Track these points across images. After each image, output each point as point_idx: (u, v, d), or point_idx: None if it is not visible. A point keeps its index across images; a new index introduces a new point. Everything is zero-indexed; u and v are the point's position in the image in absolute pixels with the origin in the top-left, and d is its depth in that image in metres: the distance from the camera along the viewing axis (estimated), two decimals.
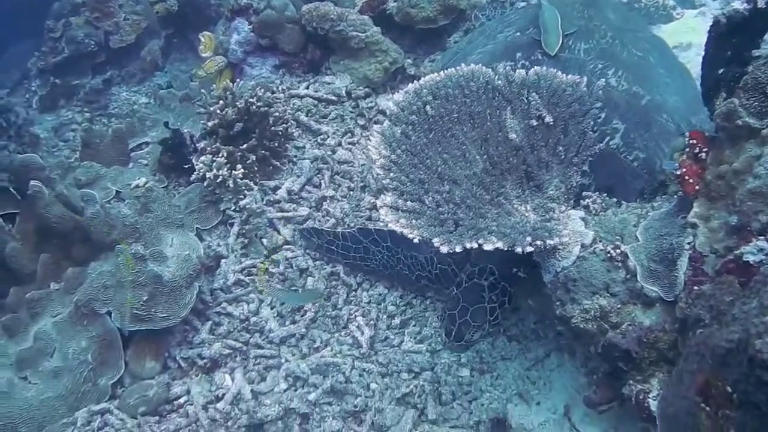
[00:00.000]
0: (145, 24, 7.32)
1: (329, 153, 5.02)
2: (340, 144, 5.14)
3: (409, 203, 2.86)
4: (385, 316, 4.22)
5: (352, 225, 4.56)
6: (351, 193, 4.79)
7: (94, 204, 4.18)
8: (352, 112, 5.40)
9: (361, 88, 5.46)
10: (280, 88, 5.53)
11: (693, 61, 4.28)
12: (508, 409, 3.72)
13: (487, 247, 2.64)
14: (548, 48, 3.70)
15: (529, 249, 2.68)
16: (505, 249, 2.67)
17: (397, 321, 4.18)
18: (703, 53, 3.04)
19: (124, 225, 4.14)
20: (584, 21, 3.97)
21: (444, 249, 2.67)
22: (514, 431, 3.61)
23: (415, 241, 2.74)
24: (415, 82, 3.22)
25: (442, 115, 3.17)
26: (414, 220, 2.79)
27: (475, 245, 2.65)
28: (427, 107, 3.16)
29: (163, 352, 4.09)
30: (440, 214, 2.82)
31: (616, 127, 3.45)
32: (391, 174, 2.96)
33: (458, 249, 2.65)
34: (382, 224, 4.25)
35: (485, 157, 3.14)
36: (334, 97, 5.43)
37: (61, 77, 7.26)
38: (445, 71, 3.24)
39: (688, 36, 5.03)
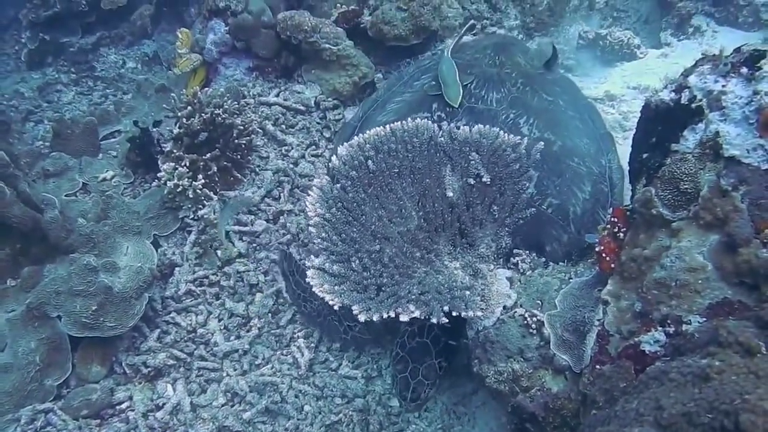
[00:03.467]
0: None
1: (291, 165, 5.13)
2: (303, 156, 5.25)
3: (335, 267, 2.99)
4: (326, 338, 4.38)
5: (305, 241, 4.69)
6: None
7: (53, 209, 4.29)
8: (318, 123, 5.51)
9: (330, 99, 5.55)
10: (251, 93, 5.62)
11: None
12: None
13: (403, 318, 2.79)
14: (451, 101, 3.86)
15: (444, 320, 2.83)
16: (422, 318, 2.82)
17: (337, 344, 4.35)
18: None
19: (79, 234, 4.25)
20: (496, 68, 4.14)
21: (362, 318, 2.81)
22: None
23: (336, 308, 2.88)
24: (359, 135, 3.33)
25: (383, 170, 3.28)
26: (337, 286, 2.92)
27: (393, 314, 2.79)
28: (369, 162, 3.28)
29: (110, 357, 4.25)
30: (364, 279, 2.96)
31: (530, 175, 3.51)
32: (323, 234, 3.08)
33: (375, 318, 2.80)
34: None
35: (421, 213, 3.28)
36: (302, 107, 5.53)
37: (50, 33, 7.26)
38: (391, 126, 3.35)
39: (646, 78, 5.15)
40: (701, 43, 5.72)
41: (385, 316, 2.79)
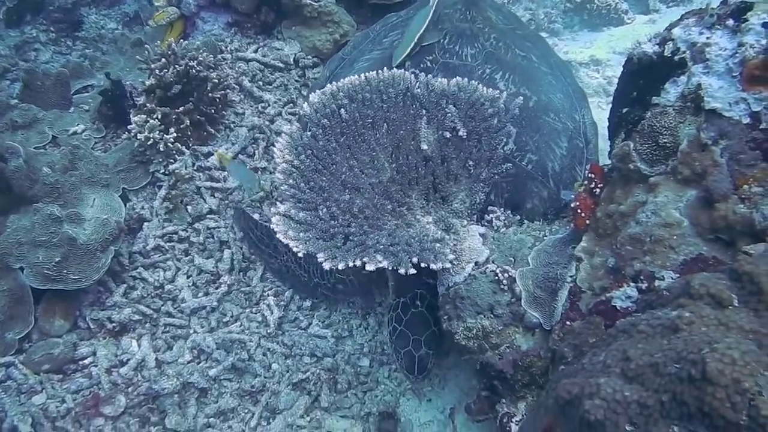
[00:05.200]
0: None
1: (267, 123, 5.01)
2: (280, 114, 5.13)
3: (301, 214, 2.89)
4: (297, 297, 4.30)
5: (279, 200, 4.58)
6: None
7: (17, 158, 4.15)
8: (297, 81, 5.38)
9: (309, 57, 5.43)
10: (228, 48, 5.48)
11: None
12: (400, 403, 3.84)
13: (370, 267, 2.69)
14: (393, 58, 3.76)
15: (412, 271, 2.74)
16: (389, 269, 2.73)
17: (308, 303, 4.27)
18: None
19: (44, 183, 4.12)
20: (468, 23, 3.99)
21: (327, 265, 2.71)
22: (402, 426, 3.73)
23: (300, 255, 2.78)
24: (332, 83, 3.21)
25: (356, 119, 3.17)
26: (302, 233, 2.82)
27: (359, 263, 2.70)
28: (342, 111, 3.16)
29: (74, 312, 4.15)
30: (331, 228, 2.86)
31: (508, 131, 3.39)
32: (291, 180, 2.98)
33: (341, 266, 2.70)
34: None
35: (394, 165, 3.17)
36: (281, 64, 5.40)
37: None
38: (366, 74, 3.24)
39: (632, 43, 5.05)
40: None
41: (350, 264, 2.69)
